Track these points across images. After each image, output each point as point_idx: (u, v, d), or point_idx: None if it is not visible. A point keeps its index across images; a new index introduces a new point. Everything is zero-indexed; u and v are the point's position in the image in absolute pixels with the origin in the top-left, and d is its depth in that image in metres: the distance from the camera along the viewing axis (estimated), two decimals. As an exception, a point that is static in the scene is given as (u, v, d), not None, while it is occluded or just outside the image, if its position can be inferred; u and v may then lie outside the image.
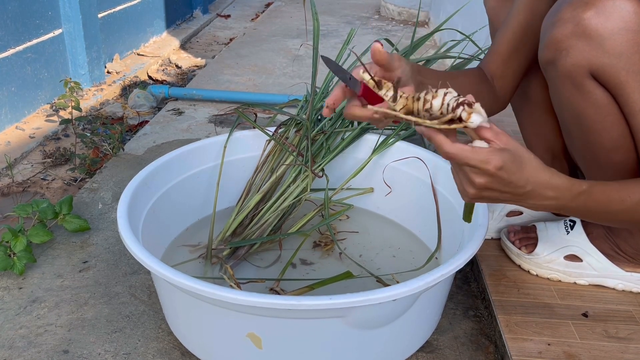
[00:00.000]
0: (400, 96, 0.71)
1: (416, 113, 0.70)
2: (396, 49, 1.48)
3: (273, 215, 1.19)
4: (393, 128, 1.35)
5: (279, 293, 1.02)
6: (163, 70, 2.81)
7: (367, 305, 0.79)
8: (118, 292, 1.10)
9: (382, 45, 0.73)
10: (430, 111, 0.68)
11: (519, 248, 1.09)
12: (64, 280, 1.13)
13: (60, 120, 1.84)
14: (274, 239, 1.18)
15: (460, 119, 0.66)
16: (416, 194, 1.23)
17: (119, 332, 1.00)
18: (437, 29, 1.52)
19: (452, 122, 0.66)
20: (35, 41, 2.09)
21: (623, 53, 0.77)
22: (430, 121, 0.68)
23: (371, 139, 1.30)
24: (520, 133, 1.17)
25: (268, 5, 4.28)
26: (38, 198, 1.51)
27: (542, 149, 1.12)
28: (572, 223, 1.05)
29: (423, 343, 0.97)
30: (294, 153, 1.23)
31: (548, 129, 1.09)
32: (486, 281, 1.06)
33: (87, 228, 1.26)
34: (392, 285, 0.80)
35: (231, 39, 3.35)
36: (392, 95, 0.71)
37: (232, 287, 0.98)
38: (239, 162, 1.29)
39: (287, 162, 1.24)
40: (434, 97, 0.67)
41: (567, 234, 1.04)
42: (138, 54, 2.89)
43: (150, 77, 2.68)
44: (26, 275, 1.14)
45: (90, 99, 2.27)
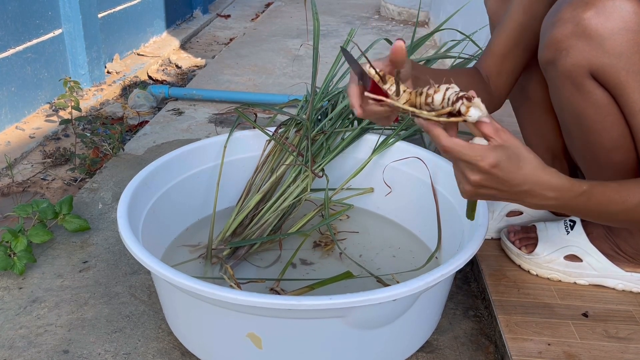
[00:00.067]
0: (404, 91, 0.71)
1: (418, 107, 0.70)
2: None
3: (273, 215, 1.19)
4: (393, 128, 1.35)
5: (279, 293, 1.02)
6: (163, 70, 2.81)
7: (367, 305, 0.79)
8: (118, 292, 1.10)
9: (405, 42, 0.73)
10: (431, 105, 0.68)
11: (519, 248, 1.09)
12: (64, 280, 1.13)
13: (60, 120, 1.84)
14: (274, 239, 1.18)
15: (459, 113, 0.66)
16: (416, 194, 1.23)
17: (119, 332, 1.00)
18: (437, 29, 1.52)
19: (452, 116, 0.67)
20: (35, 41, 2.09)
21: (623, 53, 0.77)
22: (427, 112, 0.68)
23: (371, 139, 1.30)
24: (520, 133, 1.17)
25: (268, 5, 4.28)
26: (38, 198, 1.52)
27: (542, 149, 1.12)
28: (572, 223, 1.05)
29: (423, 343, 0.97)
30: (294, 153, 1.23)
31: (548, 129, 1.09)
32: (486, 281, 1.06)
33: (87, 228, 1.27)
34: (392, 285, 0.80)
35: (231, 39, 3.35)
36: (396, 89, 0.72)
37: (232, 287, 0.98)
38: (239, 162, 1.29)
39: (287, 162, 1.24)
40: (436, 92, 0.67)
41: (567, 234, 1.04)
42: (138, 54, 2.89)
43: (150, 77, 2.68)
44: (26, 275, 1.14)
45: (90, 99, 2.27)
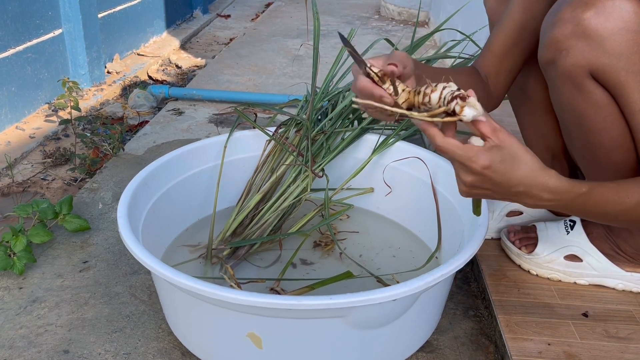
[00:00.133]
0: (403, 90, 0.71)
1: (417, 106, 0.70)
2: (396, 49, 1.48)
3: (273, 215, 1.19)
4: (393, 128, 1.35)
5: (279, 293, 1.02)
6: (163, 70, 2.81)
7: (367, 305, 0.79)
8: (118, 292, 1.10)
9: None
10: (429, 104, 0.68)
11: (519, 248, 1.09)
12: (64, 280, 1.13)
13: (60, 120, 1.84)
14: (274, 239, 1.18)
15: (455, 112, 0.66)
16: (416, 194, 1.23)
17: (119, 332, 1.00)
18: (437, 29, 1.52)
19: (448, 116, 0.67)
20: (35, 41, 2.09)
21: (623, 53, 0.77)
22: (418, 113, 0.68)
23: (371, 139, 1.30)
24: (520, 133, 1.17)
25: (268, 5, 4.28)
26: (38, 198, 1.52)
27: (542, 149, 1.12)
28: (572, 223, 1.05)
29: (423, 343, 0.97)
30: (294, 153, 1.23)
31: (548, 129, 1.09)
32: (486, 281, 1.06)
33: (87, 228, 1.27)
34: (392, 285, 0.81)
35: (231, 39, 3.35)
36: (393, 90, 0.72)
37: (233, 287, 0.98)
38: (239, 162, 1.29)
39: (287, 162, 1.24)
40: (433, 91, 0.67)
41: (567, 234, 1.04)
42: (138, 54, 2.89)
43: (150, 77, 2.68)
44: (26, 275, 1.14)
45: (90, 99, 2.27)
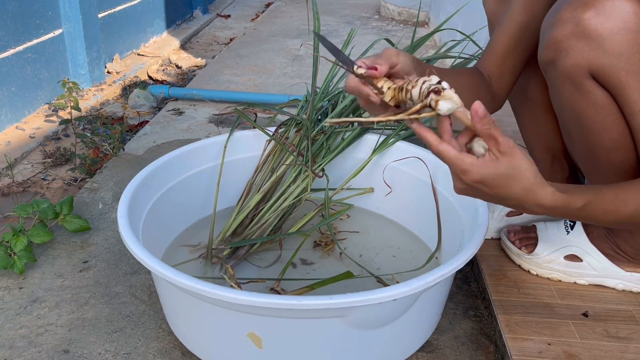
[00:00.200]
0: (388, 88, 0.69)
1: (403, 103, 0.68)
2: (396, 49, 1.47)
3: (273, 215, 1.19)
4: (393, 128, 1.35)
5: (280, 293, 1.03)
6: (163, 70, 2.81)
7: (367, 305, 0.79)
8: (118, 292, 1.10)
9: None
10: (411, 101, 0.65)
11: (519, 248, 1.09)
12: (65, 280, 1.13)
13: (60, 120, 1.84)
14: (274, 239, 1.18)
15: (432, 107, 0.63)
16: (416, 194, 1.23)
17: (120, 332, 1.00)
18: (437, 29, 1.52)
19: (429, 112, 0.64)
20: (35, 41, 2.09)
21: (623, 53, 0.77)
22: (395, 116, 0.66)
23: (371, 139, 1.30)
24: (520, 133, 1.17)
25: (268, 5, 4.28)
26: (38, 198, 1.52)
27: (542, 149, 1.12)
28: (572, 223, 1.05)
29: (423, 343, 0.97)
30: (294, 153, 1.23)
31: (548, 129, 1.09)
32: (486, 281, 1.06)
33: (88, 228, 1.27)
34: (392, 285, 0.81)
35: (231, 39, 3.35)
36: (378, 90, 0.69)
37: (233, 287, 0.98)
38: (239, 162, 1.30)
39: (288, 162, 1.24)
40: (414, 87, 0.65)
41: (567, 234, 1.04)
42: (138, 54, 2.89)
43: (150, 77, 2.68)
44: (26, 275, 1.14)
45: (90, 99, 2.27)
